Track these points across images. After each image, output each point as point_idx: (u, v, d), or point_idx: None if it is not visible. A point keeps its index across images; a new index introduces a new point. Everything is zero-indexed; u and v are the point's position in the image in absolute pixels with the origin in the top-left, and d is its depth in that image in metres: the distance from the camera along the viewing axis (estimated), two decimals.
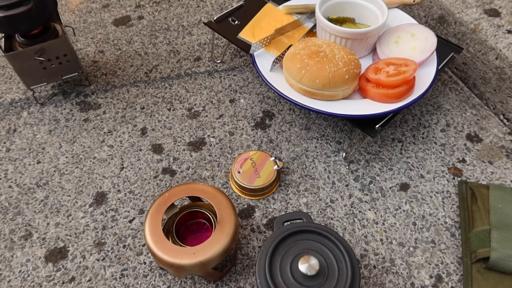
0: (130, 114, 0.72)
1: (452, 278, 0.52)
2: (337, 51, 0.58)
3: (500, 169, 0.63)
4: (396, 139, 0.67)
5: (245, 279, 0.53)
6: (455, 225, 0.57)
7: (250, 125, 0.70)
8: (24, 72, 0.67)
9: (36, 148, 0.67)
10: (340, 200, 0.60)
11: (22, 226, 0.58)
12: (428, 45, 0.61)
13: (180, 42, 0.84)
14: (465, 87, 0.75)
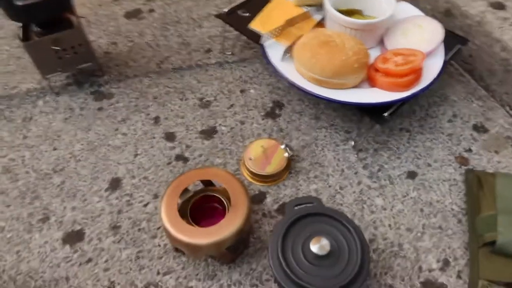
0: (143, 104, 0.73)
1: (459, 262, 0.54)
2: (347, 40, 0.60)
3: (506, 159, 0.64)
4: (403, 129, 0.69)
5: (257, 261, 0.54)
6: (461, 211, 0.59)
7: (260, 114, 0.71)
8: (40, 61, 0.69)
9: (52, 136, 0.69)
10: (349, 187, 0.62)
11: (40, 210, 0.60)
12: (435, 37, 0.63)
13: (190, 34, 0.86)
14: (472, 79, 0.76)
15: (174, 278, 0.53)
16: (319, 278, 0.45)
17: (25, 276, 0.54)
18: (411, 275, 0.53)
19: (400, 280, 0.52)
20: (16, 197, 0.61)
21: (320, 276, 0.45)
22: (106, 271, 0.54)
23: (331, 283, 0.44)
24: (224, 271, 0.53)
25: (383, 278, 0.53)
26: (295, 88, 0.60)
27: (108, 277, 0.53)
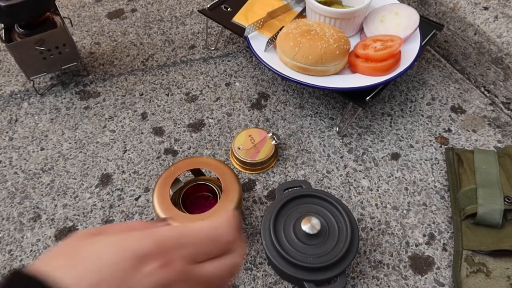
0: (129, 101, 0.74)
1: (444, 235, 0.56)
2: (327, 29, 0.62)
3: (483, 137, 0.67)
4: (385, 113, 0.71)
5: (250, 246, 0.55)
6: (444, 188, 0.61)
7: (246, 106, 0.72)
8: (24, 62, 0.69)
9: (39, 136, 0.69)
10: (336, 170, 0.63)
11: (30, 209, 0.60)
12: (411, 22, 0.65)
13: (174, 32, 0.87)
14: (448, 63, 0.79)
15: None
16: (311, 256, 0.46)
17: None
18: (399, 250, 0.55)
19: (389, 256, 0.54)
20: (5, 197, 0.61)
21: (312, 254, 0.47)
22: None
23: (323, 260, 0.46)
24: None
25: (372, 254, 0.54)
26: (279, 77, 0.61)
27: None
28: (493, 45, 0.69)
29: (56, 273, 0.20)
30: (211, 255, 0.25)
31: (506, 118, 0.70)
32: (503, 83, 0.70)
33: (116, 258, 0.21)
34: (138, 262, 0.21)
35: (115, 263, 0.21)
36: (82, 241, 0.22)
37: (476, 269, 0.51)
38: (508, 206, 0.53)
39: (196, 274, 0.24)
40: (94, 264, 0.21)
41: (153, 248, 0.22)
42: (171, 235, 0.23)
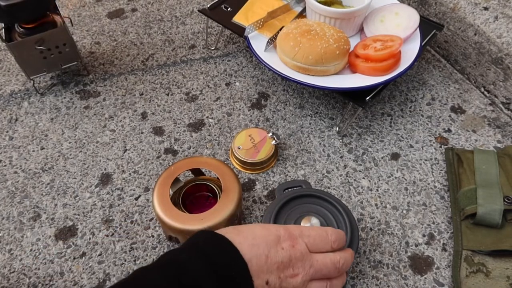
0: (129, 100, 0.74)
1: (443, 235, 0.56)
2: (327, 29, 0.62)
3: (483, 137, 0.67)
4: (385, 113, 0.71)
5: None
6: (443, 188, 0.61)
7: (246, 106, 0.73)
8: (24, 62, 0.69)
9: (39, 136, 0.69)
10: (335, 170, 0.63)
11: (30, 208, 0.60)
12: (411, 22, 0.65)
13: (174, 31, 0.87)
14: (448, 63, 0.79)
15: None
16: None
17: (19, 274, 0.54)
18: (398, 250, 0.55)
19: (389, 256, 0.54)
20: (5, 197, 0.61)
21: None
22: (101, 264, 0.54)
23: None
24: None
25: (372, 254, 0.54)
26: (279, 77, 0.61)
27: (103, 270, 0.54)
28: (493, 45, 0.69)
29: (228, 235, 0.33)
30: (322, 249, 0.37)
31: (506, 118, 0.70)
32: (503, 83, 0.70)
33: (264, 233, 0.34)
34: (277, 239, 0.34)
35: (264, 236, 0.34)
36: (240, 226, 0.35)
37: (475, 269, 0.51)
38: (507, 206, 0.53)
39: (311, 257, 0.36)
40: (251, 235, 0.34)
41: (285, 233, 0.35)
42: (296, 229, 0.37)
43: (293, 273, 0.34)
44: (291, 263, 0.34)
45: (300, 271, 0.34)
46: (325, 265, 0.36)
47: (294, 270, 0.34)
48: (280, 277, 0.33)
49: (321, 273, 0.36)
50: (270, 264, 0.33)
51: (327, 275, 0.37)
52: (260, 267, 0.32)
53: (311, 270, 0.35)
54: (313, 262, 0.35)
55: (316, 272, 0.35)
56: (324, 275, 0.36)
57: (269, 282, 0.32)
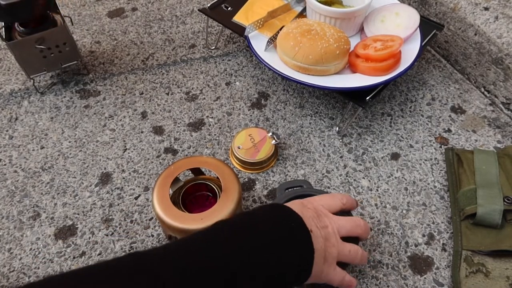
0: (129, 100, 0.74)
1: (443, 235, 0.56)
2: (327, 29, 0.62)
3: (483, 137, 0.67)
4: (385, 113, 0.71)
5: None
6: (443, 188, 0.61)
7: (246, 105, 0.72)
8: (24, 61, 0.69)
9: (39, 135, 0.69)
10: (335, 170, 0.63)
11: (30, 208, 0.60)
12: (412, 22, 0.65)
13: (174, 31, 0.87)
14: (448, 63, 0.79)
15: None
16: None
17: (18, 273, 0.54)
18: (398, 250, 0.55)
19: (389, 256, 0.54)
20: (5, 196, 0.61)
21: None
22: None
23: None
24: None
25: (372, 254, 0.54)
26: (280, 76, 0.61)
27: None
28: (493, 45, 0.69)
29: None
30: (336, 206, 0.45)
31: (506, 119, 0.70)
32: (503, 83, 0.70)
33: (288, 205, 0.42)
34: (301, 204, 0.42)
35: (289, 205, 0.42)
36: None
37: (475, 269, 0.51)
38: (507, 206, 0.53)
39: (331, 215, 0.43)
40: (290, 205, 0.42)
41: (302, 202, 0.43)
42: (311, 198, 0.45)
43: (323, 225, 0.41)
44: (319, 218, 0.41)
45: (328, 223, 0.41)
46: (345, 220, 0.43)
47: (324, 222, 0.41)
48: (318, 227, 0.40)
49: (345, 229, 0.42)
50: (306, 218, 0.40)
51: (351, 232, 0.43)
52: (304, 219, 0.40)
53: (335, 224, 0.42)
54: (334, 218, 0.43)
55: (340, 226, 0.42)
56: (348, 231, 0.43)
57: (312, 230, 0.39)
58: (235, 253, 0.35)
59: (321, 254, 0.39)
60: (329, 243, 0.40)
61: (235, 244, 0.36)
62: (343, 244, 0.42)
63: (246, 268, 0.35)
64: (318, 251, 0.38)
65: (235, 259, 0.35)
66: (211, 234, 0.37)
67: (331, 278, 0.41)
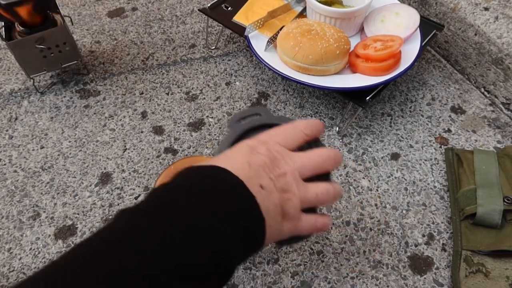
0: (129, 99, 0.74)
1: (443, 235, 0.56)
2: (327, 29, 0.62)
3: (483, 137, 0.67)
4: (385, 113, 0.71)
5: None
6: (443, 188, 0.61)
7: (246, 105, 0.72)
8: (24, 60, 0.69)
9: (38, 135, 0.69)
10: (335, 170, 0.63)
11: (30, 207, 0.60)
12: (412, 22, 0.65)
13: (174, 31, 0.87)
14: (448, 64, 0.79)
15: None
16: None
17: (18, 273, 0.53)
18: (398, 250, 0.55)
19: (388, 256, 0.54)
20: (5, 196, 0.61)
21: None
22: None
23: None
24: None
25: (372, 254, 0.54)
26: (280, 76, 0.61)
27: None
28: (493, 45, 0.69)
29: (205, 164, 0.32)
30: (297, 140, 0.35)
31: (506, 119, 0.70)
32: (503, 83, 0.70)
33: (235, 150, 0.34)
34: (250, 148, 0.33)
35: (236, 151, 0.34)
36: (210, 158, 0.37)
37: (475, 270, 0.51)
38: (507, 206, 0.53)
39: (290, 154, 0.34)
40: (223, 157, 0.33)
41: (254, 142, 0.34)
42: (262, 135, 0.35)
43: (280, 172, 0.32)
44: (274, 163, 0.33)
45: (286, 168, 0.33)
46: (308, 157, 0.34)
47: (280, 169, 0.32)
48: (271, 178, 0.32)
49: (309, 168, 0.34)
50: (255, 169, 0.31)
51: (317, 168, 0.35)
52: (247, 174, 0.31)
53: (296, 165, 0.33)
54: (294, 158, 0.34)
55: (302, 167, 0.34)
56: (314, 169, 0.34)
57: (263, 185, 0.31)
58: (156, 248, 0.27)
59: (276, 213, 0.31)
60: (287, 195, 0.32)
61: (154, 237, 0.27)
62: (306, 189, 0.34)
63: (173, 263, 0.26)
64: (271, 212, 0.31)
65: (156, 256, 0.26)
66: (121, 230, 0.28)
67: (297, 231, 0.34)
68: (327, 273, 0.53)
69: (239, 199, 0.30)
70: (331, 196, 0.35)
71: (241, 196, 0.30)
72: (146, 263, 0.25)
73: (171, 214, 0.28)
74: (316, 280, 0.52)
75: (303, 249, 0.55)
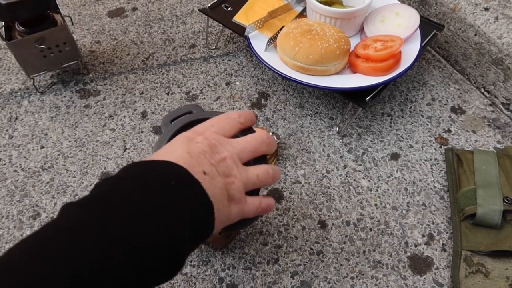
0: (129, 99, 0.74)
1: (443, 236, 0.56)
2: (328, 29, 0.62)
3: (483, 137, 0.67)
4: (385, 113, 0.71)
5: (249, 245, 0.56)
6: (443, 188, 0.61)
7: (246, 105, 0.73)
8: (24, 60, 0.69)
9: (38, 134, 0.69)
10: (335, 170, 0.63)
11: (30, 207, 0.60)
12: (412, 22, 0.65)
13: (174, 31, 0.87)
14: (448, 64, 0.79)
15: None
16: None
17: None
18: (398, 250, 0.55)
19: (388, 256, 0.54)
20: (5, 195, 0.61)
21: None
22: None
23: None
24: (218, 256, 0.55)
25: (371, 254, 0.54)
26: (280, 76, 0.61)
27: None
28: (493, 46, 0.69)
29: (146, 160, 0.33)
30: (232, 129, 0.37)
31: (505, 119, 0.70)
32: (503, 84, 0.70)
33: (173, 142, 0.35)
34: (187, 139, 0.34)
35: (174, 143, 0.34)
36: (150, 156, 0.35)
37: (475, 270, 0.51)
38: (507, 206, 0.53)
39: (228, 140, 0.35)
40: (163, 151, 0.34)
41: (191, 133, 0.35)
42: (198, 126, 0.37)
43: (220, 157, 0.34)
44: (213, 149, 0.34)
45: (225, 153, 0.34)
46: (245, 141, 0.36)
47: (220, 154, 0.34)
48: (213, 164, 0.33)
49: (247, 151, 0.36)
50: (196, 157, 0.32)
51: (255, 151, 0.36)
52: (189, 163, 0.32)
53: (235, 150, 0.35)
54: (232, 143, 0.35)
55: (241, 151, 0.35)
56: (252, 152, 0.36)
57: (206, 171, 0.32)
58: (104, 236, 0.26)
59: (222, 196, 0.32)
60: (230, 179, 0.33)
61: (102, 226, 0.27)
62: (247, 171, 0.35)
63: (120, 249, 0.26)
64: (217, 195, 0.32)
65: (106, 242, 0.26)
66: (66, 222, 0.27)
67: (245, 214, 0.35)
68: (327, 273, 0.53)
69: (185, 185, 0.31)
70: (270, 176, 0.37)
71: (186, 183, 0.31)
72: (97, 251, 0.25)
73: (117, 203, 0.28)
74: (316, 280, 0.52)
75: (303, 249, 0.55)
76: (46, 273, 0.24)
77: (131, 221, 0.27)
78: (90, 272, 0.25)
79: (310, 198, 0.60)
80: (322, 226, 0.57)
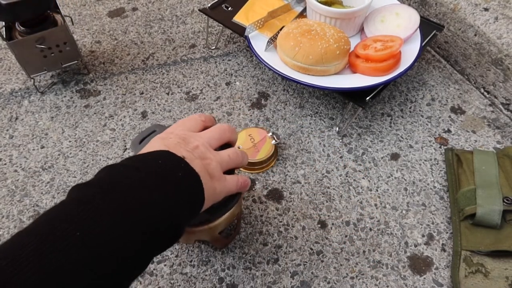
0: (130, 99, 0.74)
1: (443, 236, 0.56)
2: (328, 29, 0.62)
3: (483, 137, 0.67)
4: (385, 113, 0.71)
5: (249, 246, 0.56)
6: (443, 189, 0.61)
7: (246, 105, 0.73)
8: (25, 60, 0.69)
9: (39, 134, 0.69)
10: (335, 170, 0.63)
11: (30, 207, 0.60)
12: (412, 23, 0.65)
13: (174, 31, 0.87)
14: (448, 64, 0.79)
15: (168, 265, 0.54)
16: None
17: None
18: (398, 250, 0.55)
19: (388, 256, 0.54)
20: (5, 195, 0.61)
21: None
22: None
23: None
24: (218, 256, 0.55)
25: (371, 254, 0.54)
26: (280, 76, 0.61)
27: None
28: (493, 46, 0.69)
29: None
30: (196, 126, 0.42)
31: (505, 119, 0.70)
32: (503, 84, 0.70)
33: (149, 143, 0.39)
34: (161, 139, 0.39)
35: (151, 143, 0.38)
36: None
37: (474, 270, 0.51)
38: (507, 207, 0.53)
39: (196, 133, 0.41)
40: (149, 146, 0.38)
41: (163, 134, 0.40)
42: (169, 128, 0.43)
43: (193, 146, 0.38)
44: (186, 140, 0.39)
45: (197, 142, 0.39)
46: (211, 131, 0.42)
47: (192, 143, 0.39)
48: (188, 150, 0.37)
49: (215, 138, 0.41)
50: (173, 147, 0.37)
51: (221, 138, 0.42)
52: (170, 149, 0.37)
53: (204, 139, 0.40)
54: (200, 135, 0.41)
55: (209, 139, 0.41)
56: (219, 139, 0.42)
57: (184, 156, 0.36)
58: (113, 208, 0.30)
59: (204, 173, 0.37)
60: (206, 160, 0.38)
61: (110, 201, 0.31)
62: (219, 153, 0.40)
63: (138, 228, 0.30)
64: (200, 172, 0.36)
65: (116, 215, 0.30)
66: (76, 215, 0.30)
67: (227, 189, 0.40)
68: (326, 273, 0.53)
69: (170, 160, 0.35)
70: (240, 156, 0.43)
71: (170, 158, 0.35)
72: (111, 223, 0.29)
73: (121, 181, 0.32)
74: (315, 280, 0.52)
75: (303, 249, 0.55)
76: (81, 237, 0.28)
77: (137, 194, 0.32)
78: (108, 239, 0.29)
79: (310, 198, 0.60)
80: (322, 226, 0.57)
